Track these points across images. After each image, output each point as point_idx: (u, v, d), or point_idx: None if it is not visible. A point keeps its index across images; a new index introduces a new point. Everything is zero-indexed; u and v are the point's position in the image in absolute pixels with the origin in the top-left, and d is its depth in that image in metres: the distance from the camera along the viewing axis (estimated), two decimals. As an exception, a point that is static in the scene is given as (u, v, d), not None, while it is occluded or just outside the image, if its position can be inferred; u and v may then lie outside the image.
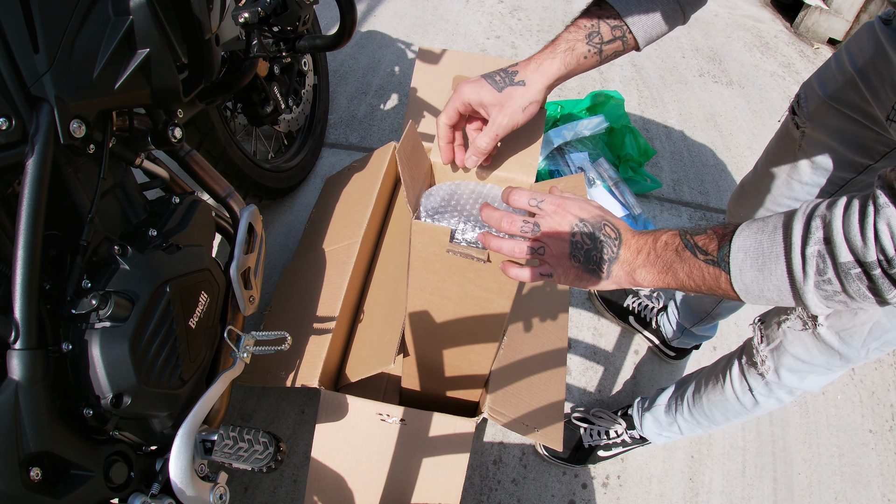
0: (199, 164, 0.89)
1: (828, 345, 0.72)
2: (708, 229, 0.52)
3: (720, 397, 0.92)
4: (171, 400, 0.68)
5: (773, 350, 0.80)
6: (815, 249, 0.44)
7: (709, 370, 0.97)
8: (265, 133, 1.53)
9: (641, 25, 0.66)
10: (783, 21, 2.85)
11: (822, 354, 0.74)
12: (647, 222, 1.59)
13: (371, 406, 0.88)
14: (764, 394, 0.85)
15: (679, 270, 0.52)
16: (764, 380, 0.84)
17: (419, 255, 0.68)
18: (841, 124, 0.75)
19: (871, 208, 0.41)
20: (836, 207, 0.44)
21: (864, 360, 0.72)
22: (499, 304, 0.72)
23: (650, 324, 1.34)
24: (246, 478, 1.09)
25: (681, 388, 1.03)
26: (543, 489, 1.14)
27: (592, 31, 0.66)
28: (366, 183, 1.22)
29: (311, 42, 1.01)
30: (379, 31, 2.16)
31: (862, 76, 0.70)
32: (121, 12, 0.60)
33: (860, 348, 0.70)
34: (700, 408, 0.96)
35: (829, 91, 0.76)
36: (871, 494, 1.23)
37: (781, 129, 0.88)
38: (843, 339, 0.71)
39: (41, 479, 0.52)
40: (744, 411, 0.90)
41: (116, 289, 0.62)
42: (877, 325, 0.67)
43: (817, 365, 0.76)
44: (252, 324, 1.29)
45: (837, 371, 0.77)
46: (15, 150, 0.53)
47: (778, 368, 0.80)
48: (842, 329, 0.70)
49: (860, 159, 0.75)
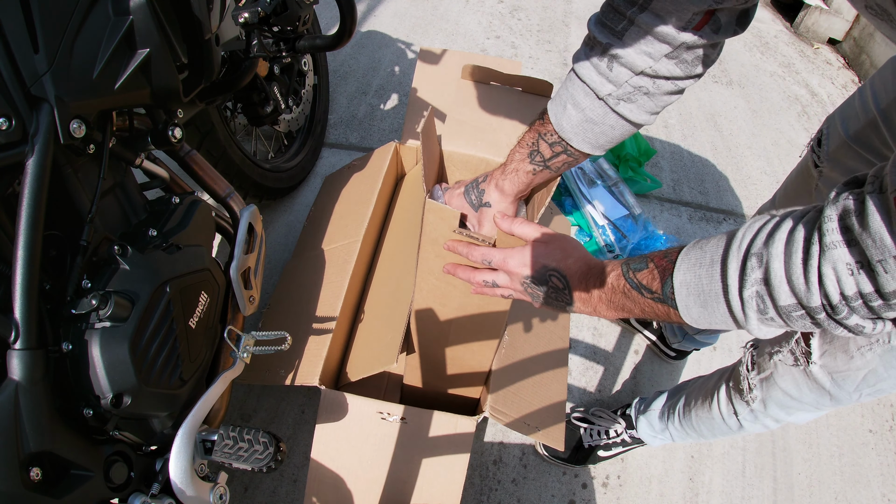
0: (199, 164, 0.89)
1: (819, 384, 0.69)
2: (649, 261, 0.51)
3: (707, 415, 0.91)
4: (171, 400, 0.68)
5: (763, 380, 0.77)
6: (754, 290, 0.41)
7: (701, 383, 0.96)
8: (265, 133, 1.53)
9: (581, 137, 0.62)
10: (783, 21, 2.85)
11: (812, 393, 0.71)
12: (647, 222, 1.59)
13: (371, 405, 0.88)
14: (749, 419, 0.84)
15: (633, 308, 0.52)
16: (749, 407, 0.82)
17: (429, 237, 0.69)
18: (860, 167, 0.72)
19: (817, 248, 0.37)
20: (774, 244, 0.40)
21: (855, 402, 0.69)
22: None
23: (651, 323, 1.34)
24: (246, 478, 1.09)
25: (674, 397, 1.02)
26: (543, 489, 1.14)
27: (532, 150, 0.65)
28: (366, 182, 1.22)
29: (311, 42, 1.01)
30: (379, 31, 2.16)
31: (884, 117, 0.67)
32: (121, 12, 0.60)
33: (852, 392, 0.67)
34: (689, 421, 0.96)
35: (850, 132, 0.73)
36: (871, 494, 1.23)
37: (801, 165, 0.85)
38: (836, 382, 0.67)
39: (41, 479, 0.52)
40: (729, 431, 0.89)
41: (116, 289, 0.62)
42: (872, 372, 0.63)
43: (806, 403, 0.73)
44: (252, 324, 1.29)
45: (826, 409, 0.74)
46: (15, 150, 0.53)
47: (766, 400, 0.78)
48: (835, 371, 0.66)
49: None
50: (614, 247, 1.53)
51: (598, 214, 1.58)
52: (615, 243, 1.54)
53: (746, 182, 1.85)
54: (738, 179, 1.85)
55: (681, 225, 1.67)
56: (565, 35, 2.32)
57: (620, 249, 1.54)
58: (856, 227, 0.35)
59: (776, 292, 0.40)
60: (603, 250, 1.53)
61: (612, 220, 1.57)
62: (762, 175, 1.92)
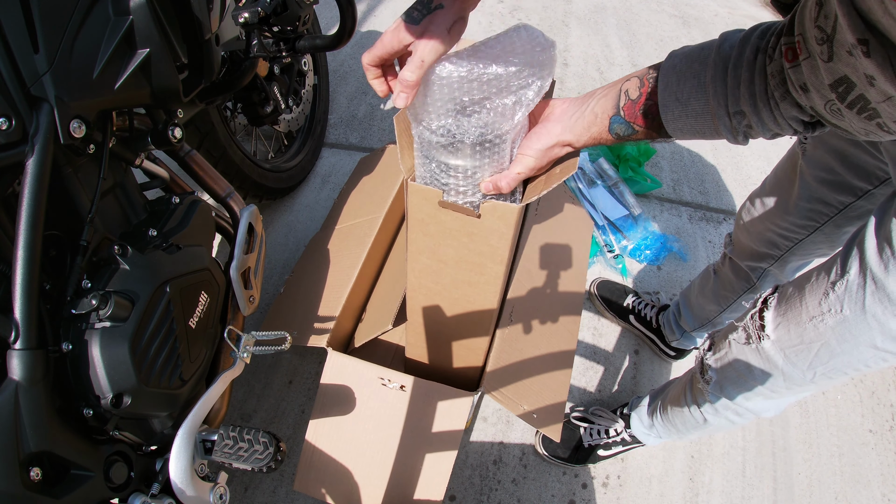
0: (199, 164, 0.89)
1: (772, 362, 0.69)
2: (640, 87, 0.53)
3: (679, 409, 0.92)
4: (171, 400, 0.68)
5: (718, 360, 0.77)
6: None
7: (679, 379, 0.97)
8: (265, 133, 1.53)
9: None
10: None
11: (764, 374, 0.70)
12: (647, 222, 1.59)
13: (373, 370, 0.90)
14: (710, 412, 0.84)
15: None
16: (706, 397, 0.82)
17: (415, 218, 0.69)
18: (842, 145, 0.73)
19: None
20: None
21: (809, 385, 0.68)
22: (493, 270, 0.73)
23: (650, 323, 1.34)
24: (246, 478, 1.09)
25: (660, 393, 1.04)
26: (543, 489, 1.14)
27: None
28: (396, 164, 1.27)
29: (311, 42, 1.01)
30: (379, 31, 2.16)
31: None
32: (121, 12, 0.60)
33: (806, 370, 0.66)
34: (667, 416, 0.97)
35: None
36: (871, 494, 1.23)
37: (791, 147, 0.87)
38: (789, 358, 0.67)
39: (41, 479, 0.52)
40: (697, 425, 0.89)
41: (116, 289, 0.62)
42: (825, 346, 0.62)
43: (758, 384, 0.72)
44: (252, 324, 1.29)
45: (783, 395, 0.73)
46: (15, 150, 0.53)
47: (721, 382, 0.78)
48: (788, 346, 0.66)
49: (860, 183, 0.74)
50: (614, 247, 1.53)
51: (598, 214, 1.58)
52: (615, 243, 1.54)
53: (746, 182, 1.85)
54: (738, 179, 1.85)
55: (681, 225, 1.67)
56: (565, 35, 2.32)
57: (620, 249, 1.54)
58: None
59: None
60: (602, 250, 1.53)
61: (612, 220, 1.57)
62: (762, 175, 1.91)
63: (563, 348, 1.05)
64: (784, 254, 0.91)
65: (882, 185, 0.72)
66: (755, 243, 0.94)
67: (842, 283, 0.58)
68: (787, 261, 0.92)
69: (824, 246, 0.86)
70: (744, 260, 0.99)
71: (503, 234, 0.66)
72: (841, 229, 0.81)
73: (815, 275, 0.63)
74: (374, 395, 0.91)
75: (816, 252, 0.88)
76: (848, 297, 0.58)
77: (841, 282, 0.58)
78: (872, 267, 0.55)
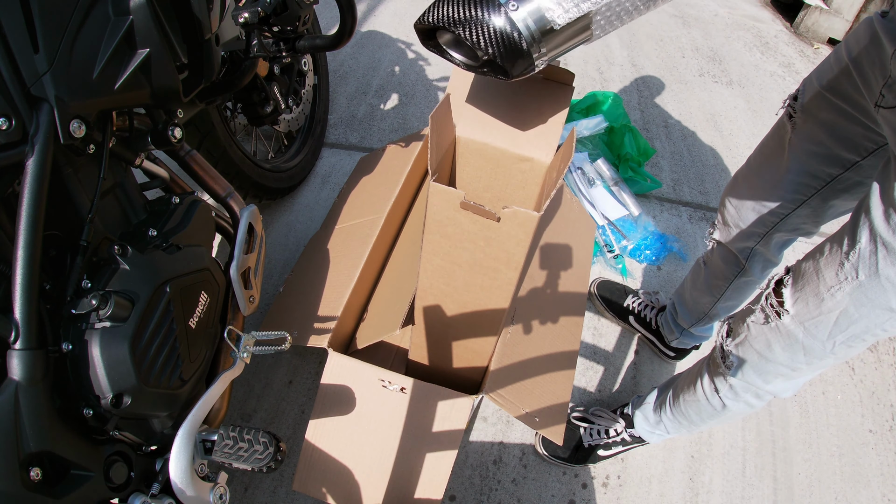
0: (199, 164, 0.89)
1: (791, 338, 0.70)
2: None
3: (693, 398, 0.92)
4: (171, 400, 0.68)
5: (738, 345, 0.79)
6: None
7: (688, 371, 0.98)
8: (265, 133, 1.53)
9: None
10: (783, 21, 2.85)
11: (785, 351, 0.72)
12: (647, 222, 1.59)
13: (374, 371, 0.90)
14: (730, 397, 0.84)
15: None
16: (726, 381, 0.83)
17: (434, 219, 0.69)
18: (832, 117, 0.75)
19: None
20: None
21: (830, 356, 0.70)
22: (506, 276, 0.73)
23: (650, 324, 1.34)
24: (246, 478, 1.09)
25: (667, 387, 1.04)
26: (543, 489, 1.14)
27: None
28: (397, 163, 1.25)
29: (311, 42, 1.01)
30: (379, 31, 2.16)
31: (855, 64, 0.71)
32: (121, 12, 0.60)
33: (826, 340, 0.68)
34: (679, 407, 0.98)
35: (824, 81, 0.76)
36: (871, 494, 1.23)
37: (777, 123, 0.88)
38: (808, 331, 0.68)
39: (41, 479, 0.52)
40: (715, 413, 0.90)
41: (116, 289, 0.62)
42: (843, 314, 0.64)
43: (780, 363, 0.74)
44: (252, 324, 1.30)
45: (803, 372, 0.75)
46: (15, 150, 0.53)
47: (742, 366, 0.79)
48: (807, 318, 0.68)
49: (848, 155, 0.75)
50: (614, 247, 1.53)
51: (597, 214, 1.58)
52: (615, 243, 1.54)
53: (746, 182, 1.85)
54: (738, 179, 1.85)
55: (681, 225, 1.67)
56: (565, 35, 2.31)
57: (620, 250, 1.54)
58: None
59: None
60: (602, 250, 1.53)
61: (611, 220, 1.57)
62: (762, 175, 1.91)
63: (566, 349, 1.04)
64: (769, 230, 0.92)
65: (870, 156, 0.74)
66: (743, 222, 0.95)
67: (854, 251, 0.61)
68: (772, 237, 0.93)
69: (809, 221, 0.87)
70: (731, 241, 1.00)
71: (521, 241, 0.67)
72: (827, 202, 0.83)
73: (829, 248, 0.66)
74: (374, 396, 0.91)
75: (801, 227, 0.89)
76: (862, 264, 0.61)
77: (854, 251, 0.61)
78: (881, 232, 0.58)
